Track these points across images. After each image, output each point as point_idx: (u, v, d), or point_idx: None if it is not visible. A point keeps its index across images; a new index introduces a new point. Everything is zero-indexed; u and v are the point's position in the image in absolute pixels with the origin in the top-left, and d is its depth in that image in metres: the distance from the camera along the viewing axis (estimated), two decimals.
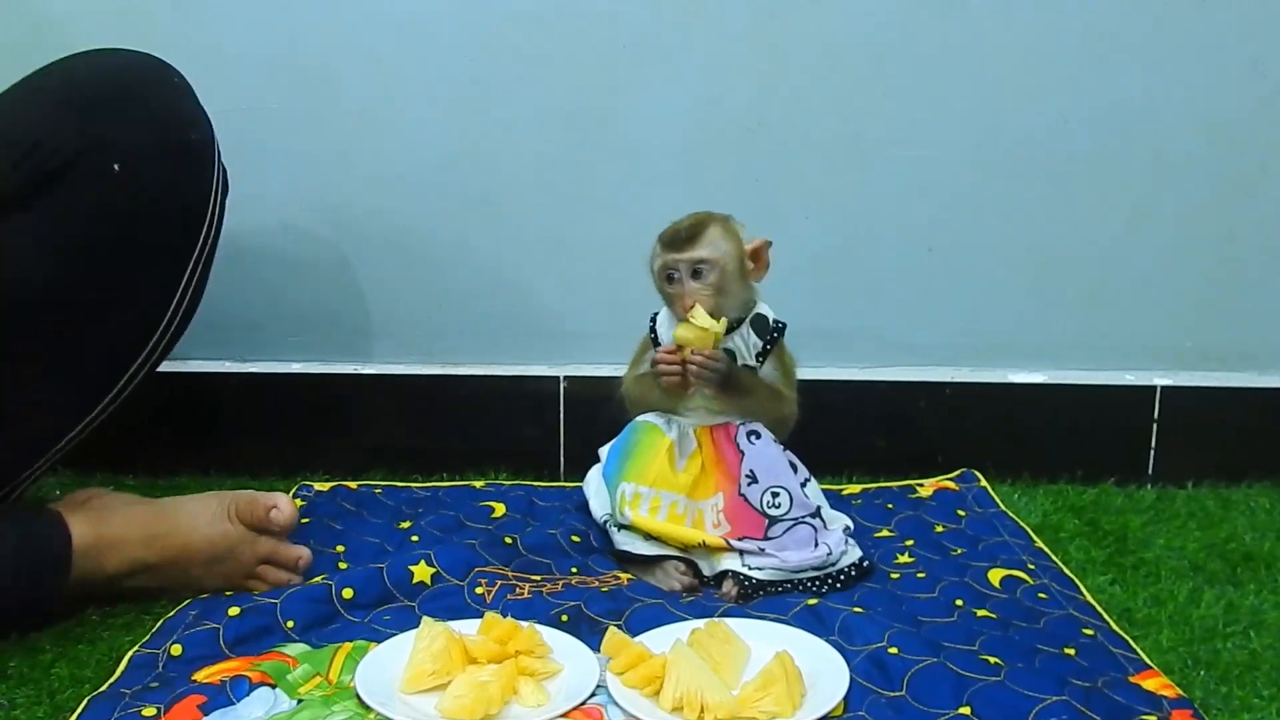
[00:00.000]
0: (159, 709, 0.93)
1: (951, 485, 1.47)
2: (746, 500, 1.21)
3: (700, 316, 1.19)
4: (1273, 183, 1.51)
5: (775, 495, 1.22)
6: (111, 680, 1.00)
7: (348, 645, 1.04)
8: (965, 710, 0.95)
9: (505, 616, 1.05)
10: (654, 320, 1.28)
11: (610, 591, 1.16)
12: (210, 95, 1.18)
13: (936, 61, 1.49)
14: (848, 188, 1.52)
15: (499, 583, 1.18)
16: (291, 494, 1.40)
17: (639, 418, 1.28)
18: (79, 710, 0.94)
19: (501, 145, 1.51)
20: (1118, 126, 1.50)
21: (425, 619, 1.03)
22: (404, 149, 1.51)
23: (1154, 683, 1.01)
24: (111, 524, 1.10)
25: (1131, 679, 1.01)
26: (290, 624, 1.08)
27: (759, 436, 1.24)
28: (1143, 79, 1.49)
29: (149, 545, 1.11)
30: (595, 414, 1.32)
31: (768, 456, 1.23)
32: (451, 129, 1.50)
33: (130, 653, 1.04)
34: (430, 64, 1.49)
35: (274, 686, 0.97)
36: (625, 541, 1.24)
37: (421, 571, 1.17)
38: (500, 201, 1.53)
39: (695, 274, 1.21)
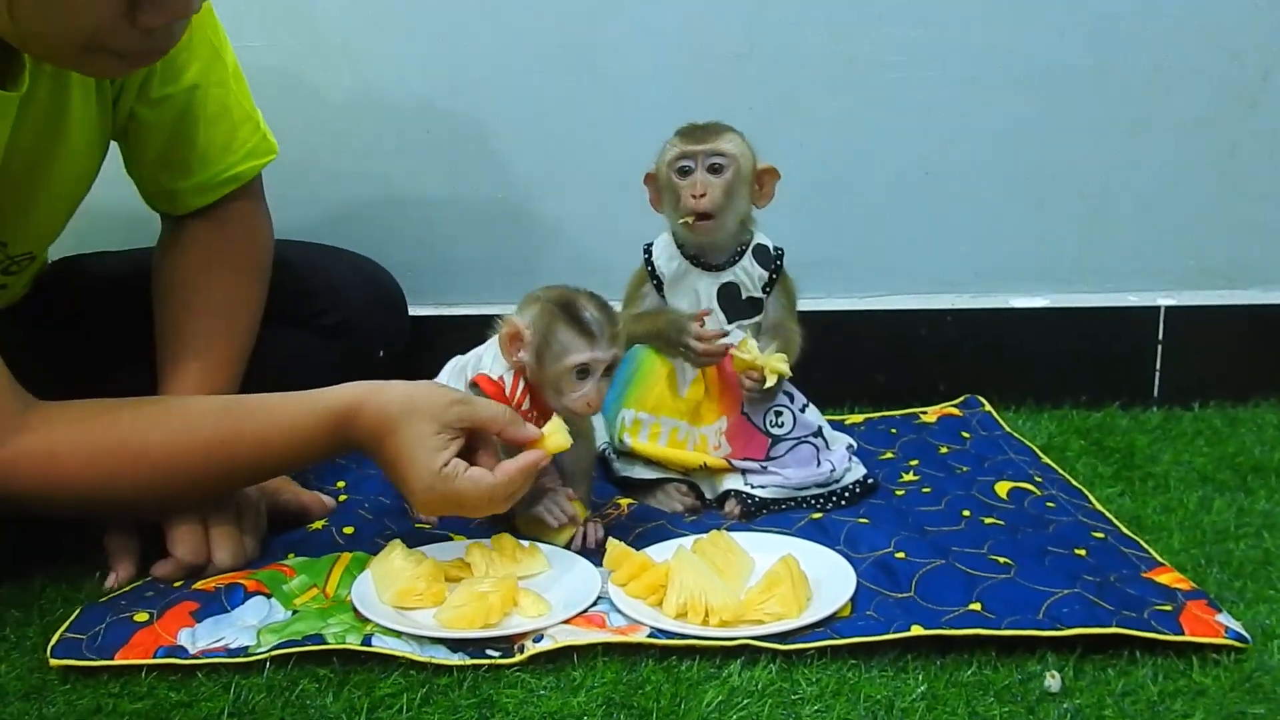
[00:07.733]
0: (152, 614, 0.91)
1: (955, 411, 1.45)
2: (749, 419, 1.19)
3: (751, 349, 1.15)
4: (1274, 93, 1.48)
5: (779, 414, 1.20)
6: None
7: (346, 556, 1.02)
8: (975, 606, 0.93)
9: None
10: (648, 251, 1.25)
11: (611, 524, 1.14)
12: None
13: None
14: (842, 112, 1.50)
15: None
16: None
17: (639, 345, 1.25)
18: (72, 617, 0.92)
19: (488, 79, 1.48)
20: (1116, 39, 1.47)
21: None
22: (387, 84, 1.48)
23: (1167, 577, 0.99)
24: None
25: (1144, 575, 0.99)
26: (291, 556, 1.04)
27: None
28: None
29: None
30: None
31: None
32: (436, 63, 1.47)
33: None
34: None
35: (269, 596, 0.95)
36: (624, 468, 1.23)
37: None
38: (487, 137, 1.50)
39: (712, 169, 1.17)
